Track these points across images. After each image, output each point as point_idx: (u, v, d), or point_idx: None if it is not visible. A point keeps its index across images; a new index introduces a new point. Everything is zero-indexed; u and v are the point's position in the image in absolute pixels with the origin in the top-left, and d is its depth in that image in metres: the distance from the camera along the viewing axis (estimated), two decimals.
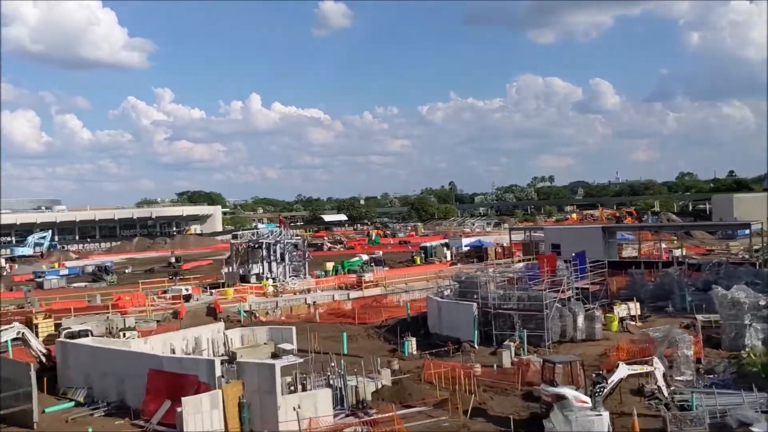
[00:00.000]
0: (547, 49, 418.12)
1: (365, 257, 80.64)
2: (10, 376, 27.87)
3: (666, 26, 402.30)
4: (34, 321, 47.54)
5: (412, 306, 51.81)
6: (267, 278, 62.20)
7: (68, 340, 34.11)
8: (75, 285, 78.46)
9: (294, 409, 25.05)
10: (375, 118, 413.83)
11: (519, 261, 71.40)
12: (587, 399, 23.38)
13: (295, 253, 66.38)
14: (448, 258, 78.96)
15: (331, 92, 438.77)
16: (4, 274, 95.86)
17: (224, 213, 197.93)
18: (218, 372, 26.78)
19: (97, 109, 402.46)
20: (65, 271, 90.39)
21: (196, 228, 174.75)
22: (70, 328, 39.26)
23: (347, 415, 27.37)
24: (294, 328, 38.54)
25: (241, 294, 56.09)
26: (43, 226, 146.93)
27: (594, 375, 24.26)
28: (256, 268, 66.57)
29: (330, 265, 74.10)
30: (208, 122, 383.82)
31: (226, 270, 67.45)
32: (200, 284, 64.06)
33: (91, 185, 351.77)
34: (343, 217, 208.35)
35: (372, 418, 26.25)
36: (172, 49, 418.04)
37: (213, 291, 59.02)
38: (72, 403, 30.58)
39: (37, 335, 46.53)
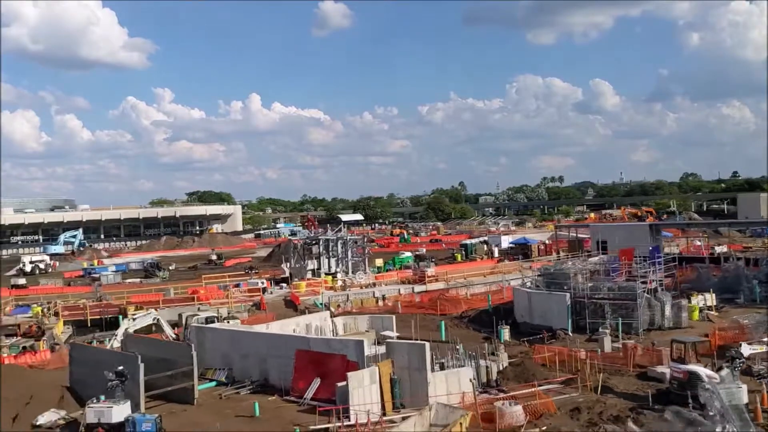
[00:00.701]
0: (547, 50, 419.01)
1: (407, 254, 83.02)
2: (171, 356, 30.16)
3: (666, 27, 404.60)
4: (129, 312, 50.14)
5: (475, 299, 54.42)
6: (334, 273, 64.47)
7: (205, 325, 36.43)
8: (129, 281, 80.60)
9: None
10: (375, 118, 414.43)
11: (566, 257, 73.65)
12: (716, 375, 25.77)
13: (354, 249, 68.73)
14: (496, 255, 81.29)
15: (331, 92, 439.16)
16: (49, 270, 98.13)
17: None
18: (367, 351, 29.18)
19: (96, 110, 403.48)
20: (113, 268, 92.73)
21: (217, 227, 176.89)
22: (197, 315, 41.43)
23: (481, 393, 29.72)
24: (394, 317, 41.00)
25: (312, 287, 58.38)
26: (69, 225, 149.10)
27: (733, 351, 26.68)
28: (310, 264, 69.16)
29: (379, 262, 76.47)
30: (208, 122, 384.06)
31: (285, 265, 69.69)
32: (270, 278, 66.19)
33: (91, 185, 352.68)
34: (359, 216, 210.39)
35: (511, 393, 28.59)
36: (171, 49, 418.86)
37: (283, 285, 61.30)
38: (214, 383, 32.96)
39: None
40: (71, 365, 31.75)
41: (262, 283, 59.00)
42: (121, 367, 26.39)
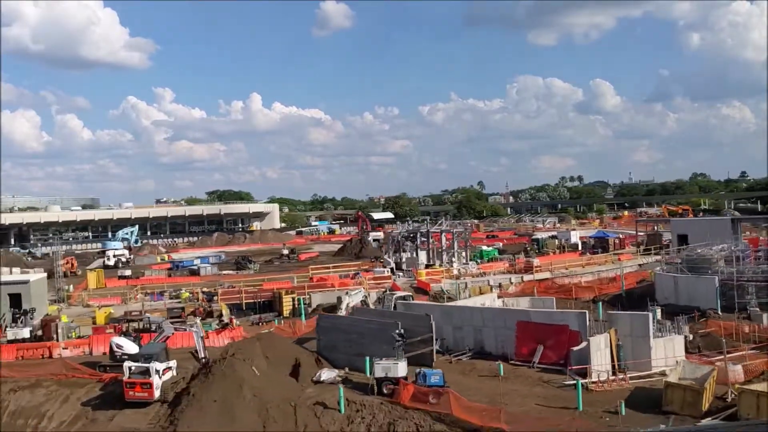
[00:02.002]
0: (548, 50, 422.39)
1: (487, 248, 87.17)
2: (412, 326, 34.32)
3: (666, 27, 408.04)
4: (283, 296, 54.44)
5: (589, 287, 58.70)
6: (433, 263, 68.66)
7: (415, 302, 40.66)
8: (224, 272, 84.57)
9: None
10: (375, 118, 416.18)
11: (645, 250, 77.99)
12: None
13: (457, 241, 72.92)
14: (579, 248, 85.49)
15: (331, 92, 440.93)
16: (130, 264, 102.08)
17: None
18: (588, 322, 33.45)
19: (97, 109, 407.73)
20: (197, 261, 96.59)
21: (256, 224, 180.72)
22: (394, 294, 45.40)
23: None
24: (554, 299, 45.23)
25: (431, 276, 62.55)
26: (118, 223, 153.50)
27: None
28: (405, 256, 73.39)
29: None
30: (209, 122, 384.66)
31: (386, 256, 73.85)
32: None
33: (91, 185, 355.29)
34: (390, 215, 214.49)
35: (721, 357, 32.85)
36: (172, 49, 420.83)
37: (399, 273, 65.49)
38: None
39: (283, 309, 53.77)
40: (319, 333, 35.94)
41: (387, 271, 63.16)
42: (401, 330, 30.63)
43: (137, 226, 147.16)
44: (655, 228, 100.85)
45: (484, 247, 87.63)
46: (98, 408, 30.82)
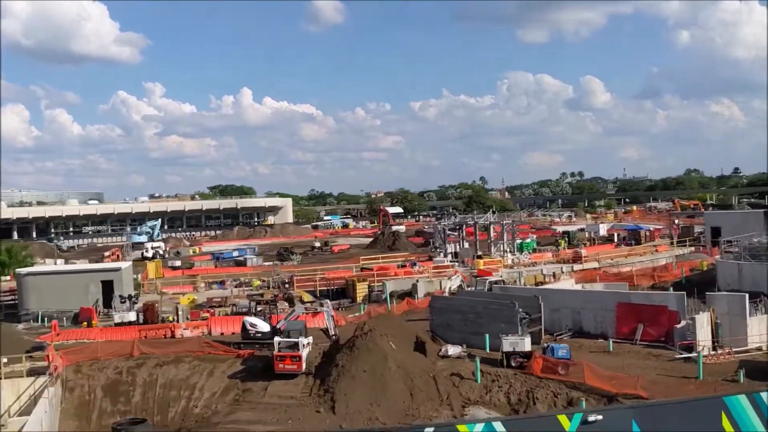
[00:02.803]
0: (538, 47, 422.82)
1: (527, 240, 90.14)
2: (521, 306, 37.13)
3: (656, 24, 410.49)
4: (357, 284, 57.22)
5: (643, 275, 61.73)
6: (494, 254, 71.65)
7: (511, 287, 43.58)
8: (267, 263, 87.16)
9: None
10: (367, 114, 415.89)
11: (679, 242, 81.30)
12: None
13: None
14: (615, 240, 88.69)
15: (323, 88, 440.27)
16: (166, 256, 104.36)
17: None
18: (685, 302, 36.43)
19: (87, 104, 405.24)
20: (236, 252, 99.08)
21: (271, 218, 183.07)
22: (486, 279, 48.22)
23: None
24: (627, 284, 48.23)
25: (488, 266, 65.45)
26: (136, 216, 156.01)
27: None
28: (449, 248, 76.42)
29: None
30: (199, 117, 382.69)
31: (436, 247, 76.84)
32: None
33: (81, 180, 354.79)
34: (399, 209, 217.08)
35: None
36: (163, 44, 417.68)
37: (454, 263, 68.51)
38: None
39: (356, 296, 56.56)
40: (432, 313, 38.80)
41: (447, 261, 66.09)
42: (524, 309, 33.51)
43: (160, 220, 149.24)
44: (676, 221, 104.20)
45: (525, 239, 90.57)
46: (245, 380, 33.56)
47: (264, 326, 36.96)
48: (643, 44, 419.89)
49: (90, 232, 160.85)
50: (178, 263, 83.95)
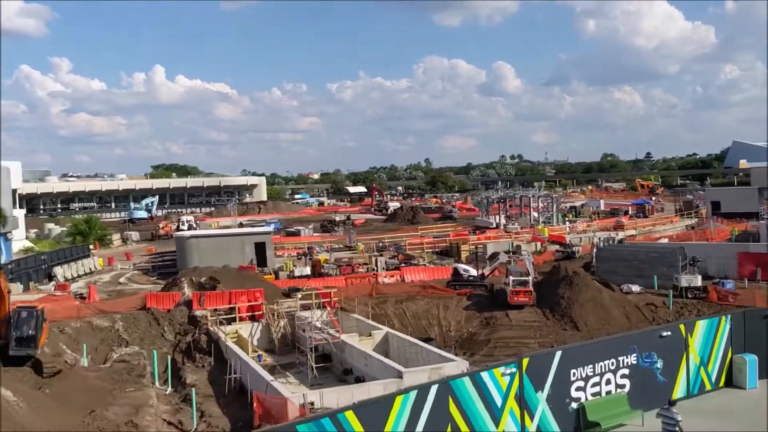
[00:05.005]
0: (453, 31, 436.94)
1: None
2: (660, 254, 47.20)
3: (566, 13, 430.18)
4: (461, 246, 66.22)
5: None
6: (542, 223, 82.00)
7: (629, 243, 53.62)
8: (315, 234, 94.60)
9: None
10: (284, 94, 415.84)
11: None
12: None
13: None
14: (629, 213, 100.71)
15: (238, 67, 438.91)
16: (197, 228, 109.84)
17: None
18: None
19: None
20: (272, 225, 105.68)
21: (248, 197, 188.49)
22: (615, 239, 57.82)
23: None
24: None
25: (553, 232, 75.71)
26: (119, 194, 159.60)
27: None
28: (493, 219, 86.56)
29: None
30: (109, 94, 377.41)
31: (487, 218, 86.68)
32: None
33: None
34: (363, 189, 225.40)
35: None
36: (70, 17, 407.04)
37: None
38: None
39: (461, 256, 65.56)
40: (597, 261, 48.52)
41: (519, 227, 76.02)
42: (695, 255, 43.69)
43: (158, 196, 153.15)
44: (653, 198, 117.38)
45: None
46: (482, 311, 42.38)
47: (473, 271, 45.80)
48: (553, 32, 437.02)
49: (77, 209, 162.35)
50: None
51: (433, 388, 17.92)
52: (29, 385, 26.01)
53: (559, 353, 20.51)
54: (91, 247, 74.26)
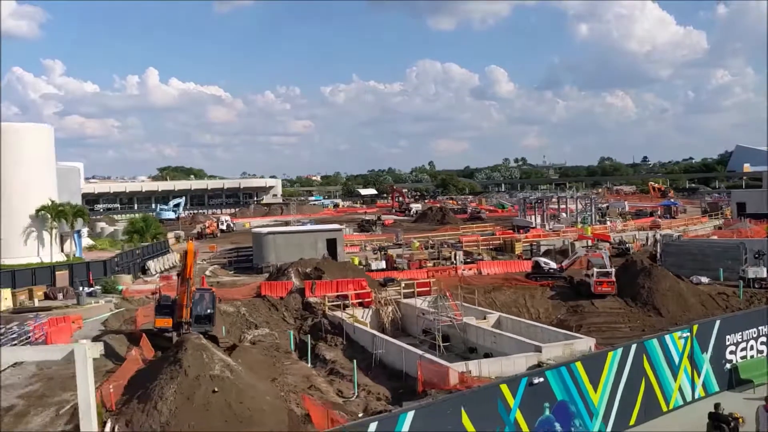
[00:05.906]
0: (447, 35, 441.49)
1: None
2: (724, 249, 51.01)
3: (559, 17, 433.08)
4: (515, 243, 69.97)
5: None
6: (579, 224, 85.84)
7: (683, 239, 57.43)
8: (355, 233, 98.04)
9: None
10: (277, 97, 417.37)
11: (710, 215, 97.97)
12: None
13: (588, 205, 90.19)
14: (658, 214, 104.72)
15: (231, 70, 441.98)
16: (233, 229, 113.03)
17: None
18: None
19: None
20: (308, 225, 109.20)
21: (264, 198, 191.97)
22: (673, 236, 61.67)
23: None
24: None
25: (597, 231, 79.47)
26: (143, 195, 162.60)
27: None
28: (531, 219, 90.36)
29: None
30: (102, 97, 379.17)
31: (526, 218, 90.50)
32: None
33: None
34: (374, 191, 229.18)
35: None
36: (63, 19, 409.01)
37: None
38: None
39: (515, 252, 69.28)
40: (664, 255, 52.30)
41: (563, 226, 79.82)
42: (760, 249, 47.54)
43: (184, 198, 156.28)
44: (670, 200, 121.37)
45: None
46: (566, 300, 46.02)
47: (553, 264, 49.51)
48: (546, 36, 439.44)
49: (101, 210, 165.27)
50: None
51: (633, 347, 21.56)
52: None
53: (718, 321, 24.20)
54: (146, 243, 77.59)
